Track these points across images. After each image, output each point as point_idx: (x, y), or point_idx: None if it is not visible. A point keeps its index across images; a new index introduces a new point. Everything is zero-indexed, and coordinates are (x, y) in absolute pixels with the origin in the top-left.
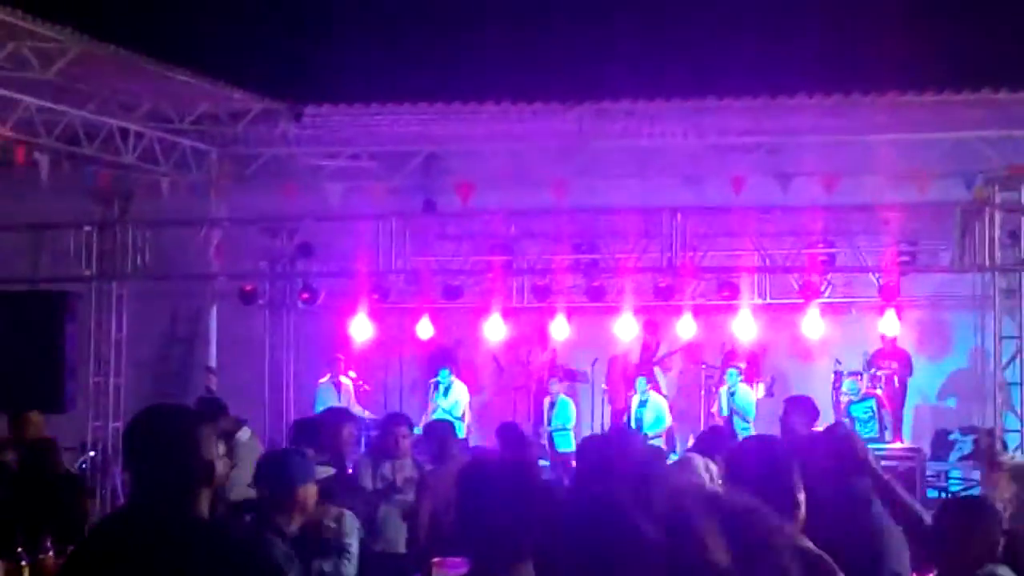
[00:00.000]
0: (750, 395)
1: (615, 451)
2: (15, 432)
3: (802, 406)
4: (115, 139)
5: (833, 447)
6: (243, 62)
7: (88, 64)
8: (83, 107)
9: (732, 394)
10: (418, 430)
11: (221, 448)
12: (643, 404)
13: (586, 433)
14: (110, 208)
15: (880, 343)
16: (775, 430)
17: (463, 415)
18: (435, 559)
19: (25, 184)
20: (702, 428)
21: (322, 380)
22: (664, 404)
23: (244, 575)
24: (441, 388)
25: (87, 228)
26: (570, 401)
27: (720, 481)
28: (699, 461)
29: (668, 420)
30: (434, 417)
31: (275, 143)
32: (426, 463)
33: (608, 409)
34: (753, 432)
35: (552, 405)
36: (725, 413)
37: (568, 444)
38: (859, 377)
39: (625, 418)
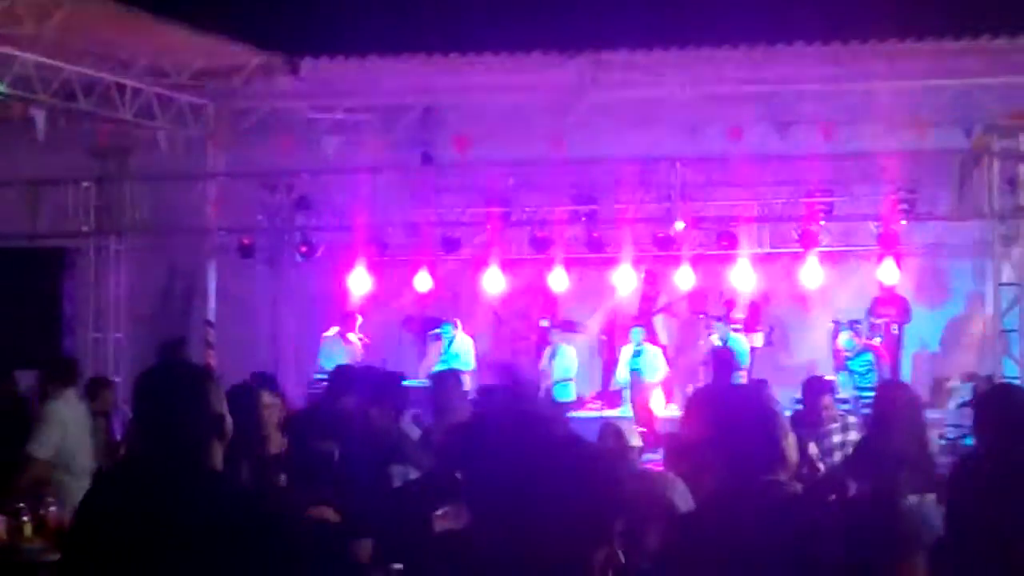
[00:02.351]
0: (743, 343)
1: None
2: None
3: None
4: (112, 94)
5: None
6: (239, 16)
7: (84, 19)
8: (79, 63)
9: (724, 342)
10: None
11: None
12: (638, 354)
13: (583, 386)
14: (108, 164)
15: (879, 291)
16: (772, 379)
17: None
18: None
19: (22, 140)
20: (701, 380)
21: (328, 333)
22: (660, 354)
23: (260, 526)
24: (445, 341)
25: (85, 184)
26: (572, 349)
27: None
28: None
29: (665, 370)
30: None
31: (272, 97)
32: (427, 416)
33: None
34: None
35: (553, 355)
36: None
37: (568, 395)
38: (856, 328)
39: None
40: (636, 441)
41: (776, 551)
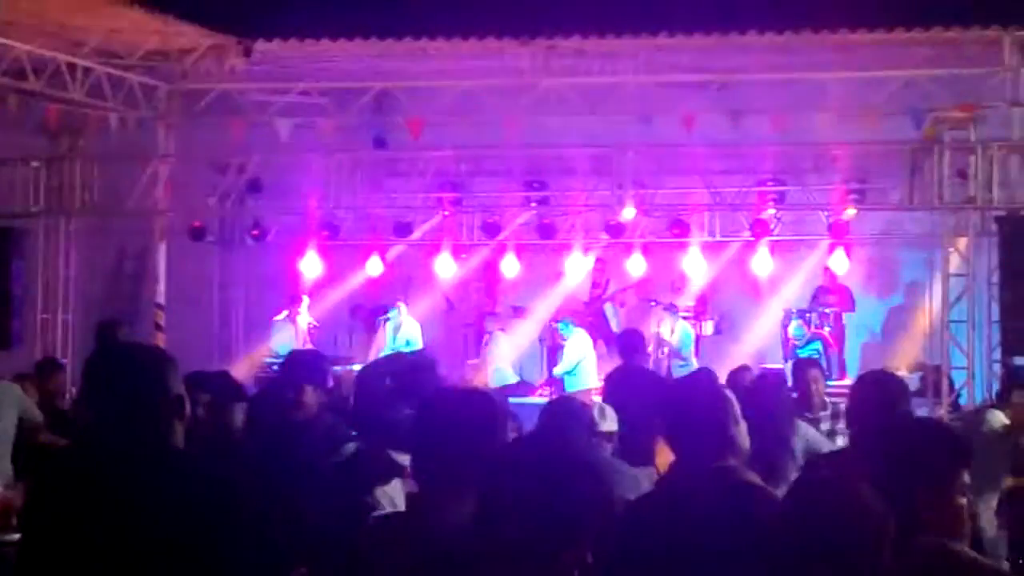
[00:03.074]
0: (689, 331)
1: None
2: None
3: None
4: (63, 74)
5: None
6: None
7: None
8: (30, 42)
9: (671, 331)
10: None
11: None
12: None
13: (532, 372)
14: (58, 144)
15: (822, 279)
16: (720, 368)
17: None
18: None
19: None
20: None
21: (278, 317)
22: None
23: (234, 507)
24: (391, 326)
25: (35, 164)
26: (505, 337)
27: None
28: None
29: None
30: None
31: (224, 79)
32: None
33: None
34: (692, 368)
35: (488, 343)
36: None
37: (503, 380)
38: (806, 316)
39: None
40: (609, 426)
41: (725, 535)
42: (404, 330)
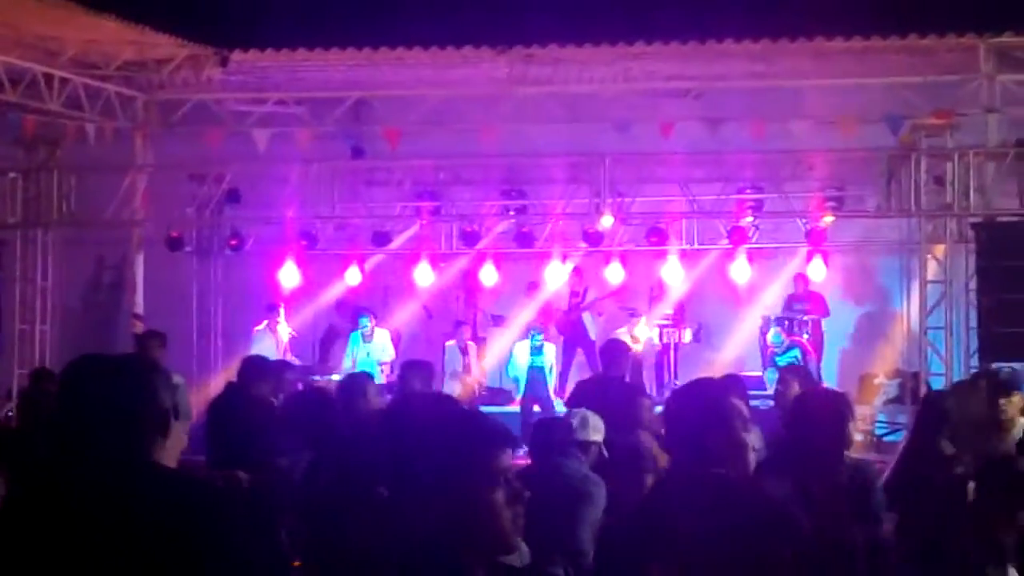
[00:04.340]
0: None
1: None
2: None
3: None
4: (39, 85)
5: None
6: (169, 7)
7: (11, 9)
8: (7, 53)
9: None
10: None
11: None
12: (539, 351)
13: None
14: (35, 155)
15: (793, 287)
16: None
17: (386, 363)
18: None
19: None
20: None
21: (259, 327)
22: (553, 350)
23: (221, 522)
24: (361, 336)
25: (12, 175)
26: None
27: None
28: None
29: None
30: (359, 365)
31: (201, 89)
32: None
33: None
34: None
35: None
36: None
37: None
38: (784, 324)
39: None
40: (590, 435)
41: (713, 540)
42: (375, 338)
